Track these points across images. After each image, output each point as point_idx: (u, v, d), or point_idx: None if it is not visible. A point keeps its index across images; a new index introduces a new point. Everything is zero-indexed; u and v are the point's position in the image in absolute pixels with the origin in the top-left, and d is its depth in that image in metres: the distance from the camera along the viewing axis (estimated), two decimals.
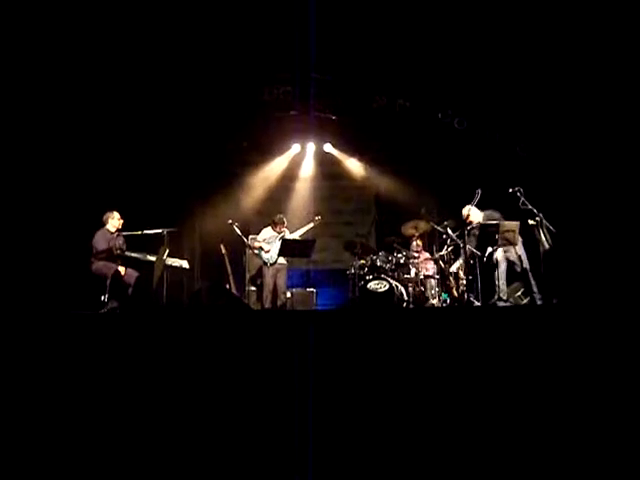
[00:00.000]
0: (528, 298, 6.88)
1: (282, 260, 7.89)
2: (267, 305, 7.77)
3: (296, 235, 7.97)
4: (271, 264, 7.78)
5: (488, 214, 7.05)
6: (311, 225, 8.01)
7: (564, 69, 7.19)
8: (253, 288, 8.33)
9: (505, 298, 6.75)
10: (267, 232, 7.99)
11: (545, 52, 7.21)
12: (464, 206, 6.95)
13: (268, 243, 7.82)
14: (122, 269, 6.68)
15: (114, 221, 6.92)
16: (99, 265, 6.67)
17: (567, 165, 7.29)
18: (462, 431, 3.74)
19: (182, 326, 4.26)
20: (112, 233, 6.90)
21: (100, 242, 6.74)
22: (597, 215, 6.99)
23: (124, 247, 6.88)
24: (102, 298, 6.52)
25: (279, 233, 7.86)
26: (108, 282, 6.56)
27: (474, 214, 7.03)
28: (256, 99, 8.38)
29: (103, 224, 6.93)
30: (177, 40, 7.35)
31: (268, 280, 7.81)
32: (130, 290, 6.73)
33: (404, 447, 3.66)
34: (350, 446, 3.67)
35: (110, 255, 6.69)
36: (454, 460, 3.60)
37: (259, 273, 8.14)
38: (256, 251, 7.89)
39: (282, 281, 7.93)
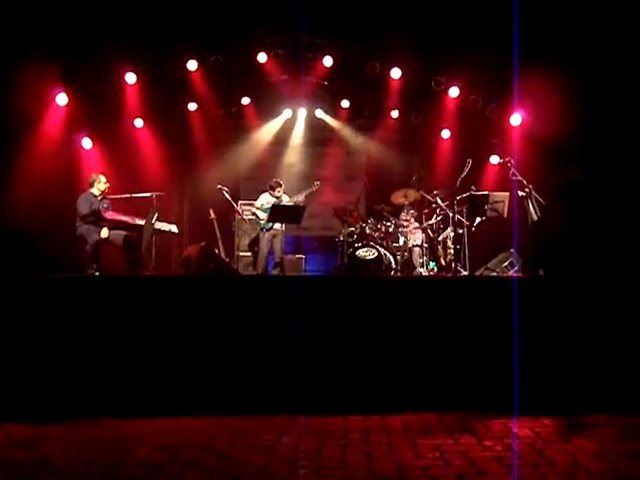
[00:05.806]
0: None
1: (278, 226, 7.85)
2: (259, 270, 7.76)
3: (296, 199, 7.91)
4: (267, 229, 7.73)
5: None
6: (310, 190, 7.95)
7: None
8: (242, 253, 8.32)
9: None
10: (265, 197, 7.90)
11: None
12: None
13: (265, 210, 7.71)
14: (105, 232, 6.54)
15: (100, 185, 6.78)
16: (83, 229, 6.59)
17: (558, 137, 7.24)
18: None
19: (173, 291, 4.27)
20: (96, 197, 6.76)
21: (83, 205, 6.60)
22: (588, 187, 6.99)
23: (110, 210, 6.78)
24: (88, 262, 6.48)
25: (277, 198, 7.79)
26: (88, 247, 6.49)
27: None
28: (248, 63, 8.23)
29: (89, 187, 6.81)
30: None
31: (263, 245, 7.78)
32: (121, 251, 6.67)
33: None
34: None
35: (95, 219, 6.58)
36: None
37: (257, 238, 8.08)
38: (252, 217, 7.86)
39: (279, 247, 7.87)
